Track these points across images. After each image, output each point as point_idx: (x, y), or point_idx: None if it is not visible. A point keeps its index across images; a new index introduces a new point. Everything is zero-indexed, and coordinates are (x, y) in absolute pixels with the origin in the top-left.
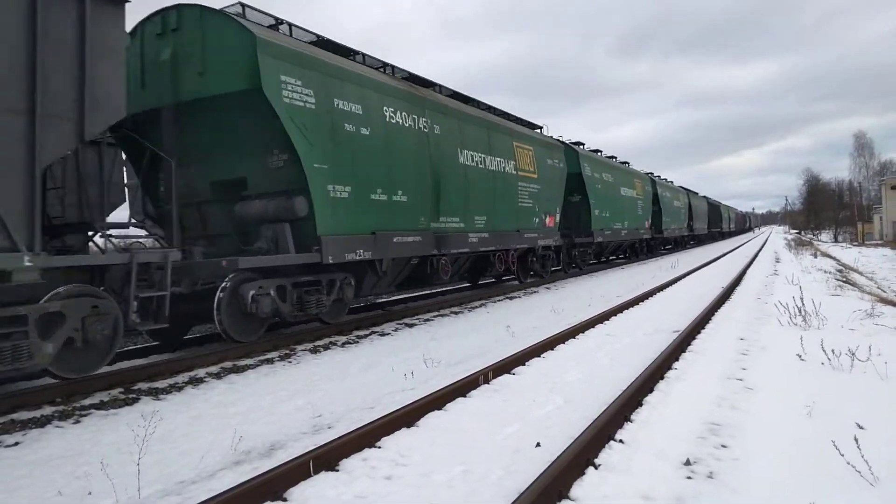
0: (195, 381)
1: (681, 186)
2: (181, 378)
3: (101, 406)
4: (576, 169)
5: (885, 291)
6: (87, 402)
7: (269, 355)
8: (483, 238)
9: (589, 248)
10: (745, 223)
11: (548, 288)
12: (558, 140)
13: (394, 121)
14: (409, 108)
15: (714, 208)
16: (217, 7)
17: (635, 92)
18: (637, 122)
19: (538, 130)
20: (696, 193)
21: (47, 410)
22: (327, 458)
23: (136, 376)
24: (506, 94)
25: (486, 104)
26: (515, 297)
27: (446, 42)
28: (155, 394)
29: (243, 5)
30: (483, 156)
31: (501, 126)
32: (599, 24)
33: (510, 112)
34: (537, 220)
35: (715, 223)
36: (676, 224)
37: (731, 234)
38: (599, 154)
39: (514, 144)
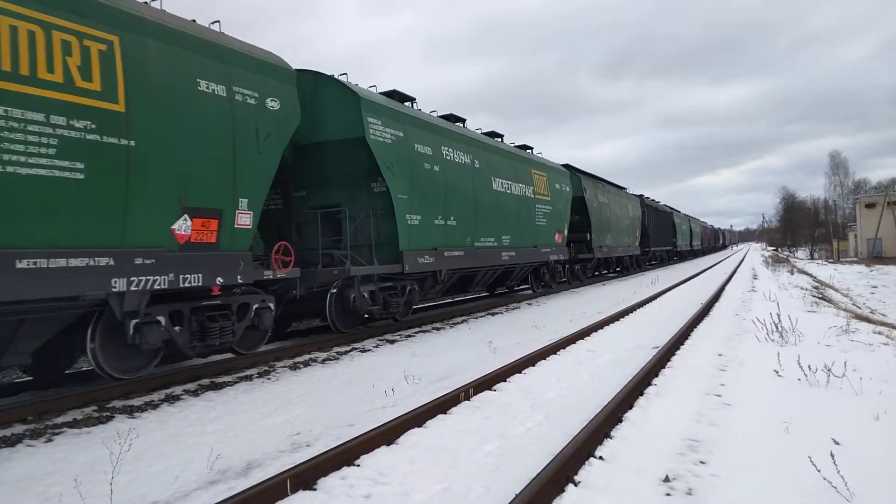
0: (171, 399)
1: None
2: (157, 396)
3: (74, 424)
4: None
5: (860, 308)
6: (59, 420)
7: (248, 372)
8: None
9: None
10: (716, 239)
11: (529, 304)
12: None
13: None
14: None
15: (661, 217)
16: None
17: (616, 112)
18: (617, 142)
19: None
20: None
21: (18, 429)
22: (305, 476)
23: (111, 394)
24: (490, 114)
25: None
26: (497, 313)
27: (432, 62)
28: (130, 412)
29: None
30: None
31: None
32: (582, 47)
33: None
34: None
35: (662, 238)
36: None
37: (691, 255)
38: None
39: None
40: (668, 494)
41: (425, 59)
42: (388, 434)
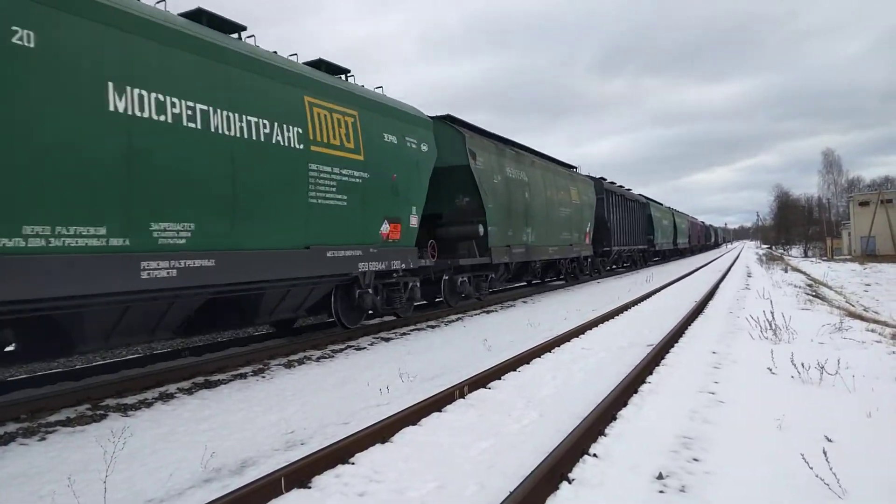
0: (165, 397)
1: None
2: (151, 394)
3: (67, 423)
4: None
5: (853, 306)
6: (52, 418)
7: (243, 370)
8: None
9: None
10: (707, 237)
11: (524, 302)
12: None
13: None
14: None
15: (631, 209)
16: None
17: (612, 109)
18: (613, 139)
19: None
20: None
21: (11, 427)
22: (299, 474)
23: (105, 392)
24: (487, 110)
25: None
26: (493, 311)
27: (429, 59)
28: (123, 410)
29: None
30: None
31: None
32: (578, 43)
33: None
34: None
35: (632, 235)
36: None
37: (676, 255)
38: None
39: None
40: (661, 491)
41: (422, 55)
42: (382, 432)
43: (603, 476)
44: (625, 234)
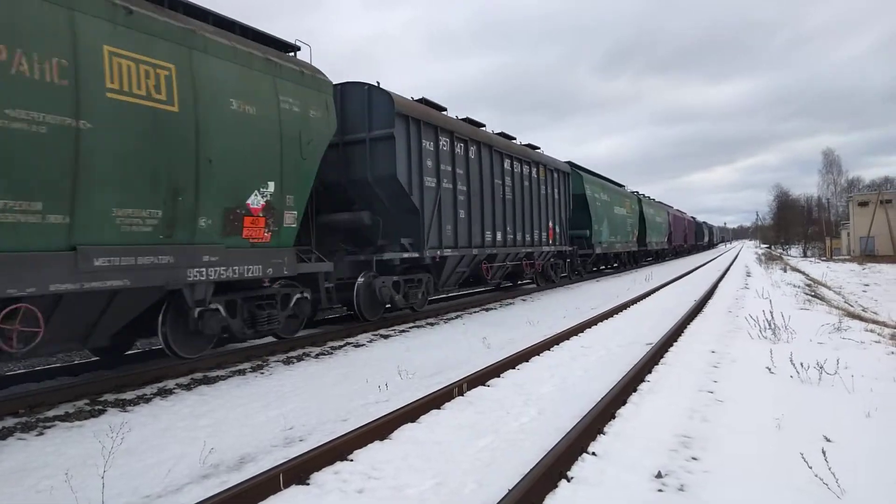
0: (164, 393)
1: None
2: (149, 389)
3: (65, 418)
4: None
5: (852, 306)
6: (51, 413)
7: (242, 366)
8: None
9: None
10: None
11: (524, 300)
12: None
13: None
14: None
15: (556, 182)
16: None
17: (614, 108)
18: (614, 138)
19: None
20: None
21: (9, 422)
22: (298, 471)
23: (103, 387)
24: (490, 109)
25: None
26: (492, 309)
27: (433, 56)
28: (122, 405)
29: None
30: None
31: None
32: (581, 43)
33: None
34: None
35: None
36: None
37: (650, 258)
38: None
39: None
40: (660, 490)
41: (427, 53)
42: (381, 429)
43: (602, 475)
44: (513, 225)
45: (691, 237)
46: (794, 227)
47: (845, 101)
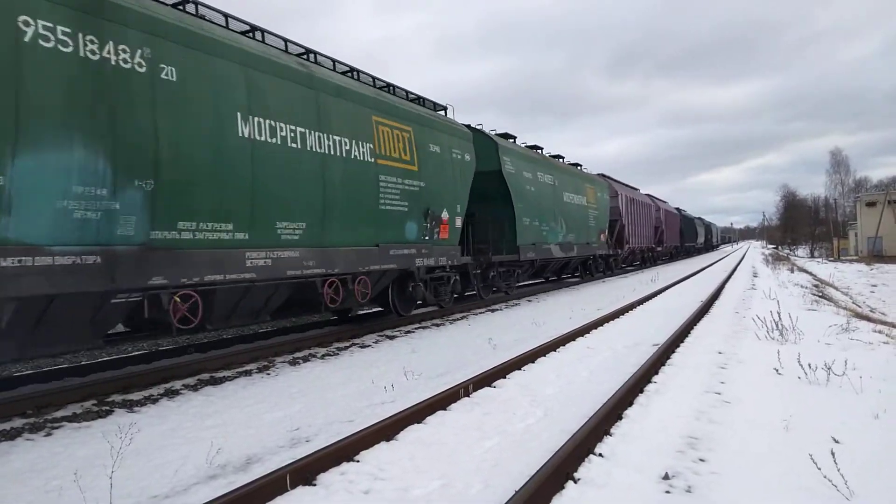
0: (171, 394)
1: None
2: (157, 390)
3: (73, 418)
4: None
5: (860, 306)
6: (59, 414)
7: (248, 367)
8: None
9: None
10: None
11: (529, 301)
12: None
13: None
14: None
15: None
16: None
17: (621, 110)
18: (621, 139)
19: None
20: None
21: (18, 423)
22: (305, 472)
23: (110, 388)
24: (499, 111)
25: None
26: (497, 310)
27: (441, 60)
28: (129, 406)
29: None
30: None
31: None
32: (589, 45)
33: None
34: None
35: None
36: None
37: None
38: (536, 152)
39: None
40: (667, 492)
41: (436, 56)
42: (387, 430)
43: (608, 476)
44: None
45: (675, 237)
46: (801, 227)
47: (853, 102)
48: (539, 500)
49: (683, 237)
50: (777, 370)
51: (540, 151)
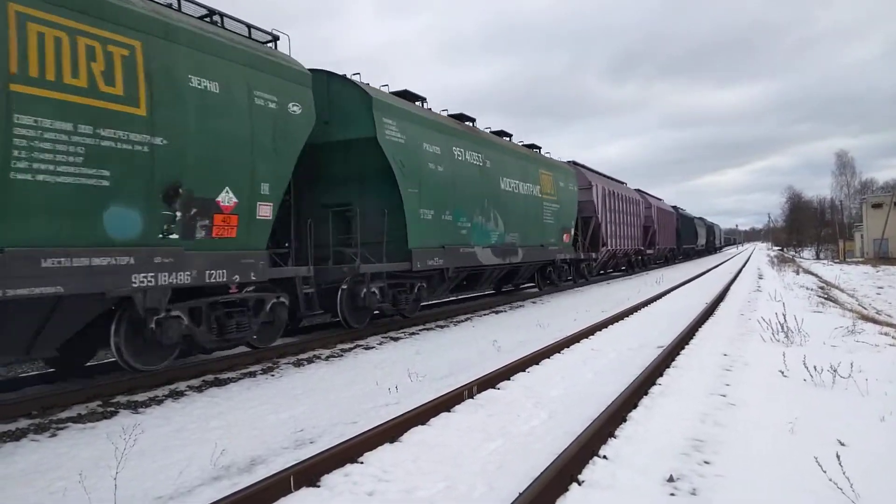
0: (176, 395)
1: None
2: (161, 391)
3: (78, 419)
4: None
5: (865, 308)
6: (64, 415)
7: (252, 368)
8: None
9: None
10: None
11: (534, 303)
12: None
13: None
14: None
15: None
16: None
17: (622, 112)
18: (624, 142)
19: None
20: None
21: (23, 423)
22: (309, 473)
23: (115, 389)
24: (500, 114)
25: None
26: (501, 312)
27: (445, 63)
28: (134, 407)
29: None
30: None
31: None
32: (590, 48)
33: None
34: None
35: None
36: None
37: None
38: (469, 125)
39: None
40: (672, 494)
41: (438, 60)
42: (391, 431)
43: (613, 478)
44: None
45: (670, 238)
46: (806, 229)
47: (856, 104)
48: (543, 502)
49: (681, 238)
50: (782, 372)
51: (472, 125)
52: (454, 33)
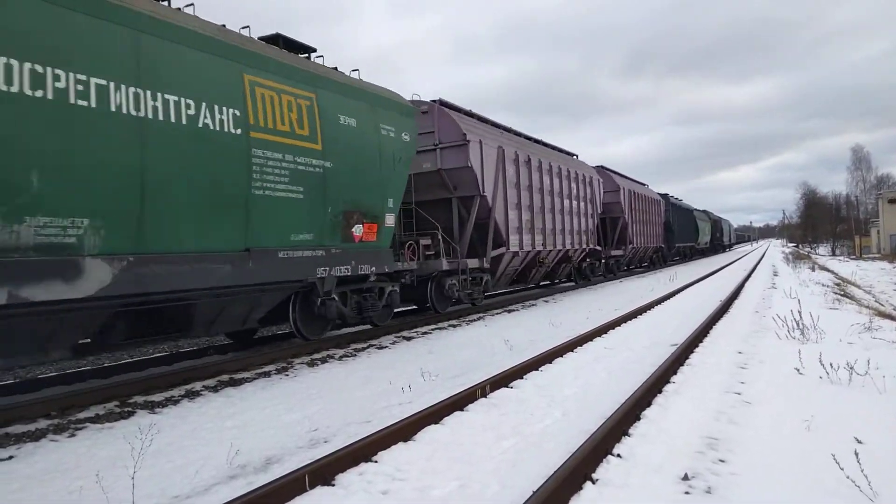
0: (192, 395)
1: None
2: (177, 391)
3: (96, 419)
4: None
5: (882, 305)
6: (82, 415)
7: (267, 368)
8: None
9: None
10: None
11: (546, 301)
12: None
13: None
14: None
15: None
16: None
17: (635, 109)
18: (635, 138)
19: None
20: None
21: (42, 424)
22: (323, 472)
23: (132, 389)
24: (513, 112)
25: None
26: (514, 311)
27: (457, 62)
28: (151, 407)
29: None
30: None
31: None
32: (602, 46)
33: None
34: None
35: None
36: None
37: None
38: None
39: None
40: (687, 493)
41: (451, 59)
42: (405, 431)
43: (627, 476)
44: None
45: (659, 237)
46: (822, 225)
47: (869, 100)
48: (557, 501)
49: (671, 236)
50: (798, 370)
51: None
52: (467, 33)
